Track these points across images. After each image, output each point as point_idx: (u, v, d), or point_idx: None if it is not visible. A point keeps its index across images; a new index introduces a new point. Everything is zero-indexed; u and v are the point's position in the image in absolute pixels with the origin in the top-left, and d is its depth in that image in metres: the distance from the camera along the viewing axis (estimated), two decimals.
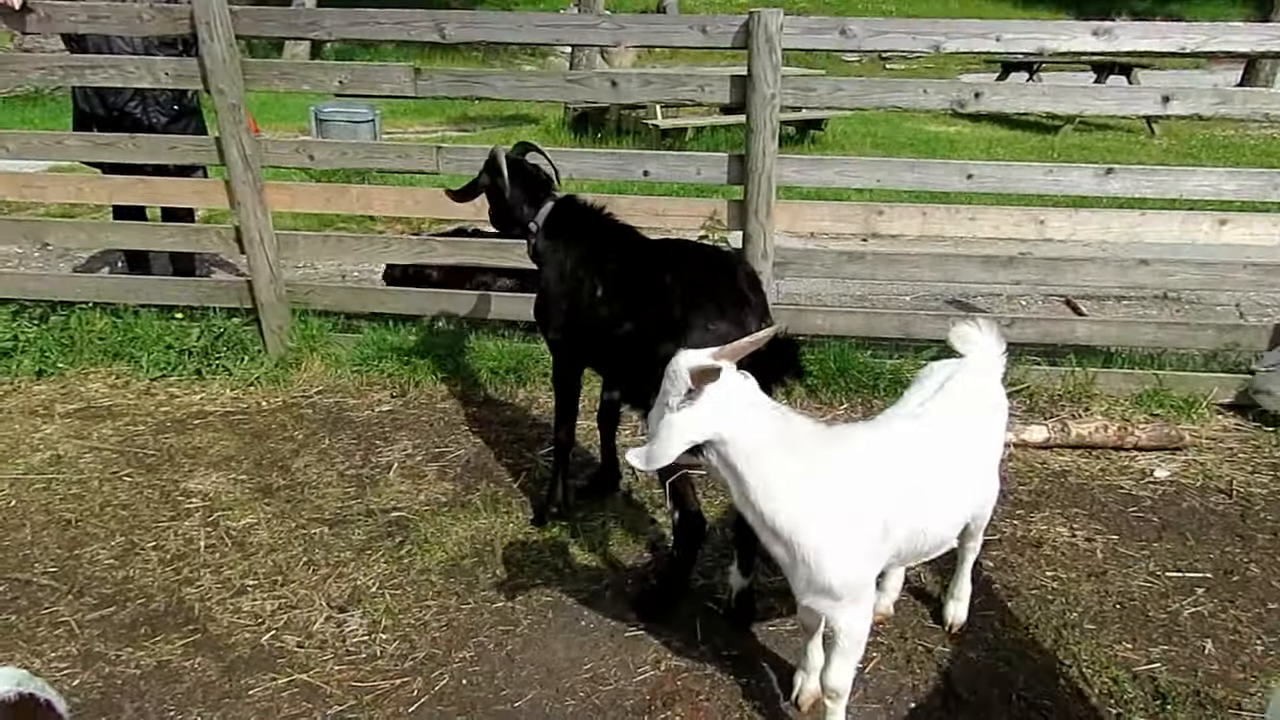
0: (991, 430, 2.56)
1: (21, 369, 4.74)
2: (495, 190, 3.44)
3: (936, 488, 2.33)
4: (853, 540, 2.12)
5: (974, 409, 2.47)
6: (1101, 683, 2.70)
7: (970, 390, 2.48)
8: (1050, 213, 4.43)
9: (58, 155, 5.10)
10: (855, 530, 2.12)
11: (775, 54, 4.00)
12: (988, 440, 2.54)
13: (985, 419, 2.53)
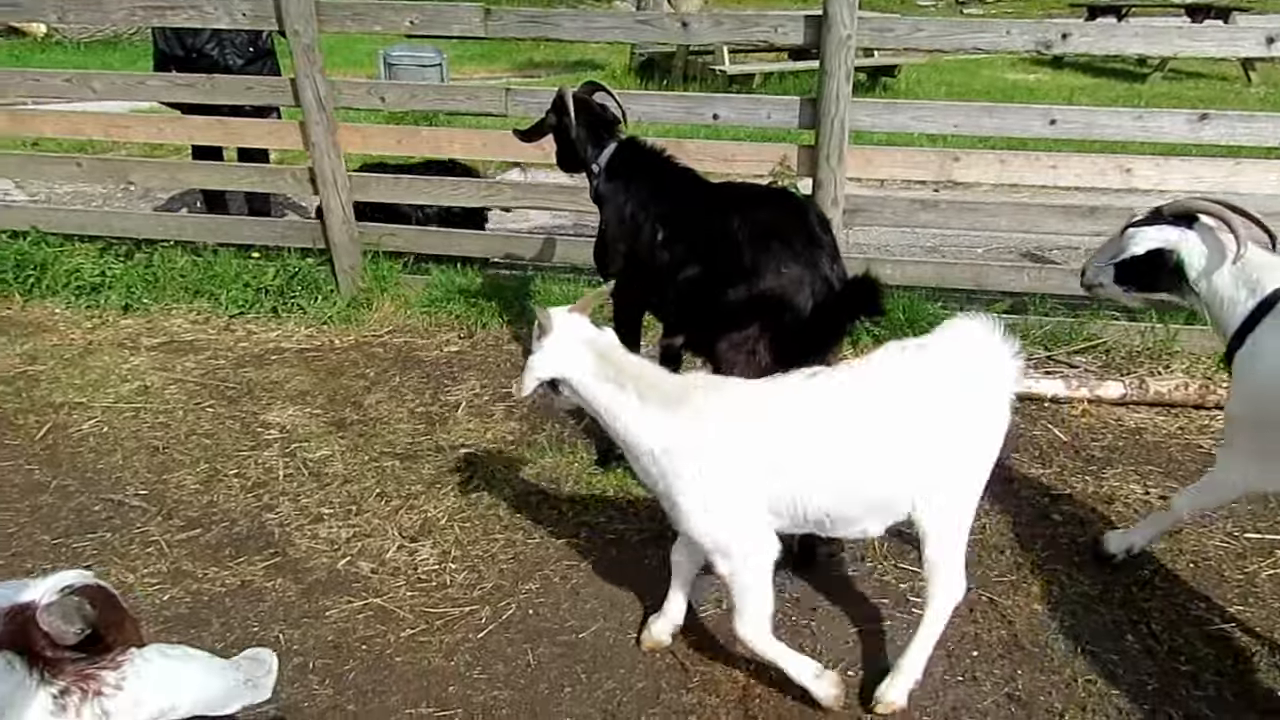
0: (960, 431, 2.23)
1: (109, 303, 4.94)
2: (561, 130, 3.43)
3: (824, 456, 2.19)
4: (702, 483, 2.18)
5: (921, 396, 2.19)
6: (1172, 640, 2.66)
7: (919, 374, 2.21)
8: (1137, 160, 4.26)
9: (140, 96, 5.22)
10: (704, 472, 2.18)
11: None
12: (945, 438, 2.22)
13: (944, 414, 2.20)
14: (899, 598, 2.86)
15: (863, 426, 2.18)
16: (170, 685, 1.37)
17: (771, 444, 2.19)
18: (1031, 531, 3.15)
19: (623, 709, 2.46)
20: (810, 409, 2.21)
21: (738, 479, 2.20)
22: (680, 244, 2.99)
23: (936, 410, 2.20)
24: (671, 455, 2.20)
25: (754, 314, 2.70)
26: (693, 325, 3.04)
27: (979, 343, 2.23)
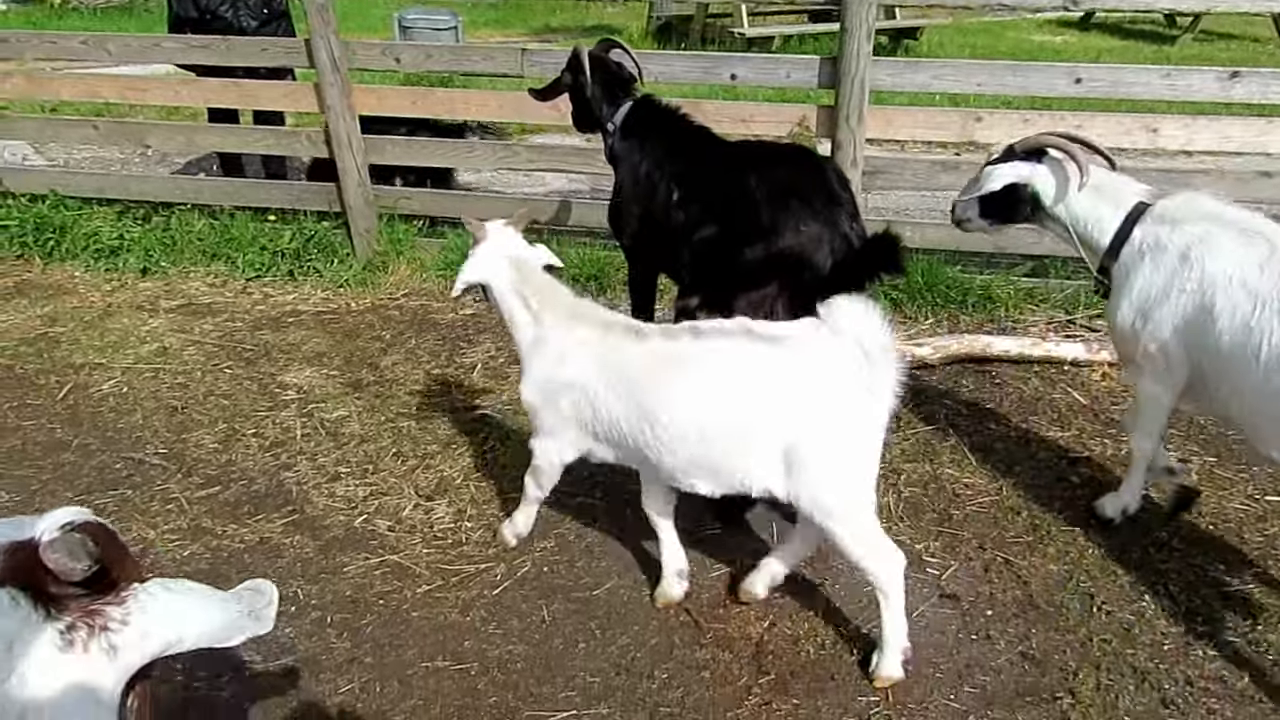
0: (820, 416, 2.18)
1: (128, 266, 4.97)
2: (577, 88, 3.40)
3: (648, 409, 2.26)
4: (545, 392, 2.50)
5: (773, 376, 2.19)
6: (1189, 600, 2.64)
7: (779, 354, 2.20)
8: (1164, 120, 4.16)
9: (156, 58, 5.23)
10: (549, 381, 2.48)
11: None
12: (800, 422, 2.17)
13: (799, 397, 2.18)
14: (914, 558, 2.84)
15: (694, 392, 2.23)
16: (175, 618, 1.37)
17: (604, 383, 2.36)
18: (1049, 494, 3.13)
19: (636, 664, 2.48)
20: (655, 362, 2.31)
21: (571, 405, 2.44)
22: (696, 203, 2.95)
23: (790, 392, 2.17)
24: (537, 364, 2.52)
25: (772, 273, 2.68)
26: (709, 285, 3.01)
27: (854, 327, 2.16)
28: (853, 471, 2.23)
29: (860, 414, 2.18)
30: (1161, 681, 2.38)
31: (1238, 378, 2.37)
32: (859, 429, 2.20)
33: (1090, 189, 2.69)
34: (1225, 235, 2.45)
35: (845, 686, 2.40)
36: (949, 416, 3.57)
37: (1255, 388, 2.32)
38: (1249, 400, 2.36)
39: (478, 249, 2.64)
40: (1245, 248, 2.40)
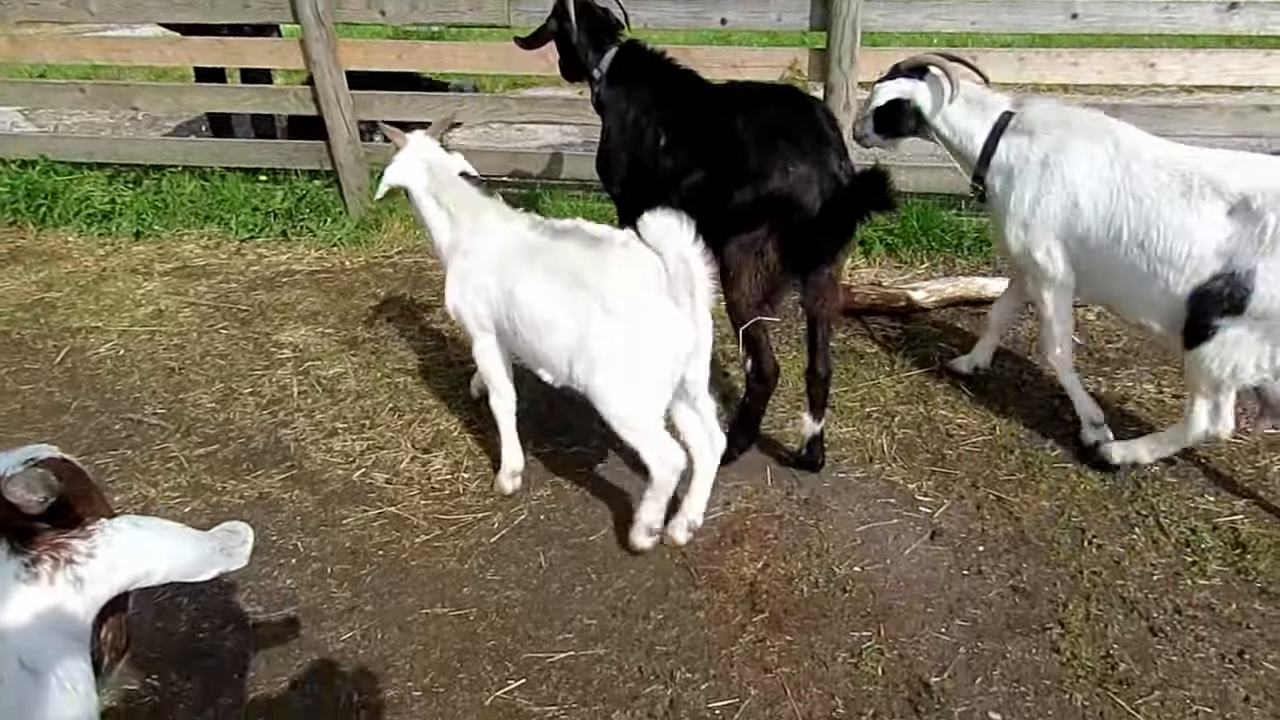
0: (613, 321, 2.36)
1: (120, 230, 4.96)
2: (563, 35, 3.34)
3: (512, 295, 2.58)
4: (462, 293, 2.74)
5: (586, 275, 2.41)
6: (1179, 532, 2.67)
7: (596, 256, 2.42)
8: (1162, 55, 4.10)
9: (138, 17, 5.15)
10: (464, 281, 2.73)
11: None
12: (597, 322, 2.37)
13: (600, 300, 2.37)
14: (907, 497, 2.88)
15: (531, 280, 2.53)
16: (143, 552, 1.39)
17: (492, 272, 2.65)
18: (1043, 431, 3.15)
19: (632, 606, 2.52)
20: (521, 251, 2.60)
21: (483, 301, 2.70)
22: (684, 148, 2.92)
23: (588, 289, 2.40)
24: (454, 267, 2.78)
25: (762, 215, 2.65)
26: (699, 231, 2.99)
27: (660, 239, 2.31)
28: (637, 369, 2.40)
29: (652, 318, 2.35)
30: (1150, 610, 2.42)
31: (1109, 261, 2.70)
32: (647, 332, 2.37)
33: (962, 101, 2.99)
34: (1076, 139, 2.75)
35: (838, 622, 2.44)
36: (943, 359, 3.57)
37: (1123, 265, 2.65)
38: (1120, 279, 2.69)
39: (398, 156, 2.87)
40: (1095, 145, 2.72)
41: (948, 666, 2.30)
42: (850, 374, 3.50)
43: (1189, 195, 2.51)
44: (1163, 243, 2.54)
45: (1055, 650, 2.32)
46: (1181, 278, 2.51)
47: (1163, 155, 2.63)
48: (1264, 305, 2.38)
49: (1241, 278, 2.40)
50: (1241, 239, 2.41)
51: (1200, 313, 2.50)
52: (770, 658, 2.34)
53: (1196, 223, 2.48)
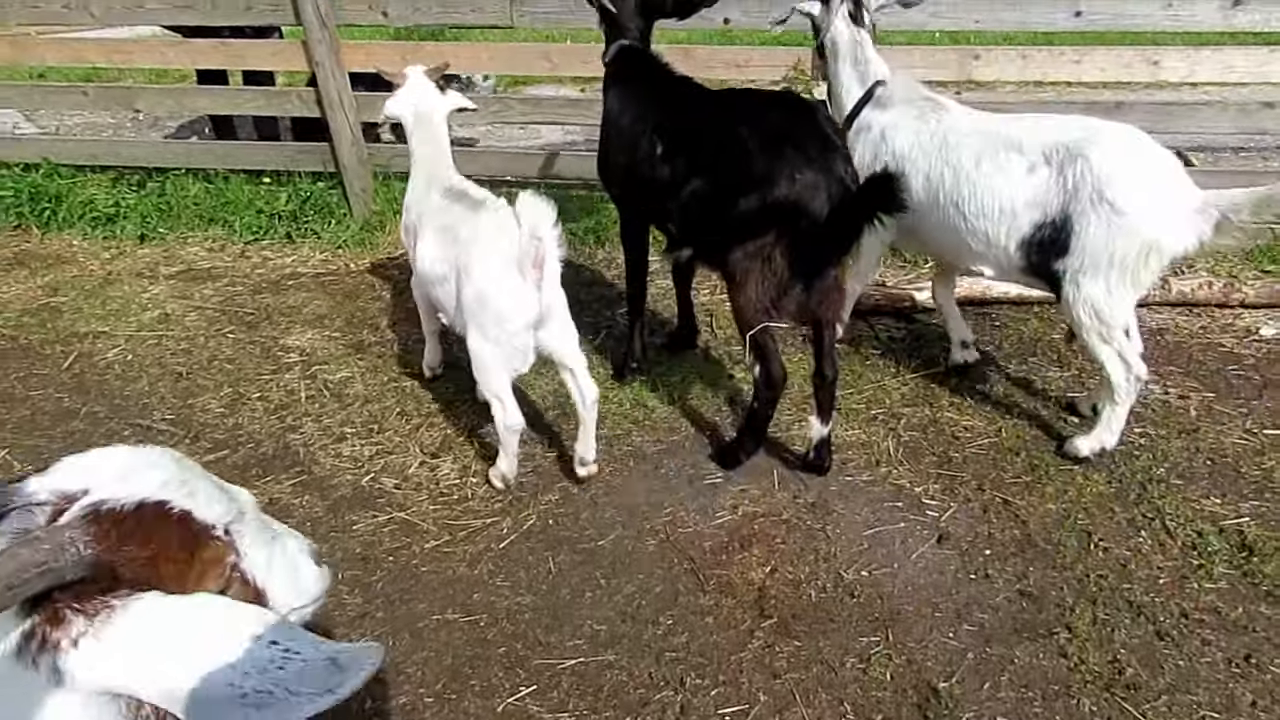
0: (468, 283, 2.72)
1: (125, 233, 4.97)
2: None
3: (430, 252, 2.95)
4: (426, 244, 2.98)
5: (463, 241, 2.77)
6: (1185, 535, 2.68)
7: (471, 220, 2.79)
8: (1166, 52, 4.10)
9: (140, 19, 5.15)
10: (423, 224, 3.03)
11: None
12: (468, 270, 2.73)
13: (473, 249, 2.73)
14: (914, 500, 2.89)
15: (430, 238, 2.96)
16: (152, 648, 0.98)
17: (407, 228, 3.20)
18: (1048, 434, 3.16)
19: (641, 611, 2.53)
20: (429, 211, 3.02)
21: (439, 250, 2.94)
22: (681, 157, 2.90)
23: (461, 249, 2.76)
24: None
25: (769, 222, 2.64)
26: (701, 238, 2.99)
27: (522, 213, 2.55)
28: (485, 329, 2.71)
29: (497, 284, 2.65)
30: (1157, 614, 2.43)
31: (932, 218, 3.04)
32: (493, 296, 2.66)
33: (850, 62, 3.33)
34: (908, 115, 3.14)
35: (846, 627, 2.45)
36: (948, 360, 3.58)
37: (940, 223, 3.02)
38: (941, 234, 3.06)
39: (399, 89, 3.26)
40: (920, 121, 3.10)
41: (956, 672, 2.31)
42: (855, 376, 3.51)
43: (995, 158, 2.86)
44: (974, 201, 2.89)
45: (1063, 655, 2.33)
46: (1001, 230, 2.85)
47: (977, 127, 2.98)
48: (1082, 242, 2.68)
49: (1060, 223, 2.72)
50: (1049, 190, 2.73)
51: (1042, 262, 2.81)
52: (779, 663, 2.36)
53: (1004, 181, 2.82)
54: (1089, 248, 2.68)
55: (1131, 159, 2.65)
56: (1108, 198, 2.61)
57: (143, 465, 1.12)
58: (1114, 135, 2.70)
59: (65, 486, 1.08)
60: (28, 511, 1.07)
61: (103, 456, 1.14)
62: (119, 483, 1.08)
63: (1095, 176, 2.63)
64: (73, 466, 1.11)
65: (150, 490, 1.09)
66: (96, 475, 1.09)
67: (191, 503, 1.11)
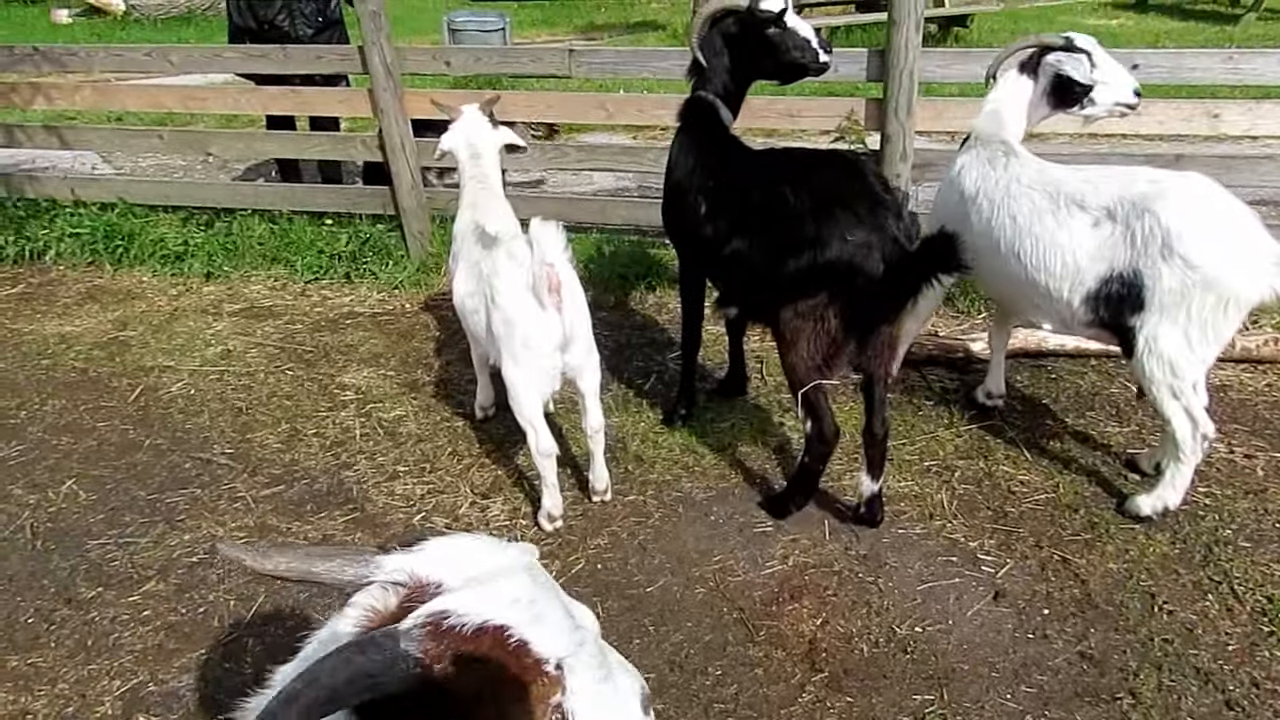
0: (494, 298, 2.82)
1: (192, 271, 5.14)
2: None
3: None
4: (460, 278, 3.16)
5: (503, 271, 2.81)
6: (1254, 600, 2.59)
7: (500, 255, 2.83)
8: (1227, 105, 4.05)
9: (216, 68, 5.39)
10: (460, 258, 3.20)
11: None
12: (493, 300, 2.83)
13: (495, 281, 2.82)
14: (968, 555, 2.84)
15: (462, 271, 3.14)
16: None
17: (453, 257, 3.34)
18: (1108, 490, 3.08)
19: (690, 660, 2.51)
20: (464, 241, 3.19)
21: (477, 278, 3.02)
22: (725, 219, 2.90)
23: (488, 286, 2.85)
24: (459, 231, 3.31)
25: (821, 284, 2.62)
26: (749, 298, 2.97)
27: (538, 243, 2.61)
28: (514, 355, 2.80)
29: (520, 312, 2.74)
30: (1226, 683, 2.34)
31: (993, 266, 3.03)
32: (518, 323, 2.75)
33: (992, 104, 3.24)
34: (980, 158, 3.13)
35: (899, 684, 2.40)
36: (1003, 413, 3.53)
37: (1001, 271, 3.01)
38: (1002, 282, 3.09)
39: (454, 124, 3.39)
40: (989, 166, 3.09)
41: None
42: (909, 427, 3.47)
43: (1057, 213, 2.85)
44: (1035, 255, 2.88)
45: None
46: (1064, 285, 2.83)
47: (1041, 178, 2.95)
48: (1157, 297, 2.63)
49: (1130, 277, 2.69)
50: (1115, 245, 2.71)
51: (1113, 318, 2.77)
52: (830, 719, 2.31)
53: (1066, 237, 2.80)
54: (1164, 303, 2.63)
55: (1200, 210, 2.61)
56: (1179, 252, 2.57)
57: (500, 571, 1.09)
58: (1182, 187, 2.67)
59: (424, 573, 1.10)
60: (384, 589, 1.10)
61: (466, 548, 1.14)
62: (470, 591, 1.05)
63: (1165, 230, 2.59)
64: (436, 550, 1.13)
65: (497, 609, 1.03)
66: (454, 570, 1.10)
67: (534, 631, 1.05)
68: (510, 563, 1.13)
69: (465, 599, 1.04)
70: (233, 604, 2.79)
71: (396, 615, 1.08)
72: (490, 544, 1.18)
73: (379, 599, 1.13)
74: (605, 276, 4.79)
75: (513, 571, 1.10)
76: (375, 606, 1.12)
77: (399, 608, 1.10)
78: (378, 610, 1.12)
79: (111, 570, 2.94)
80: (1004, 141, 3.14)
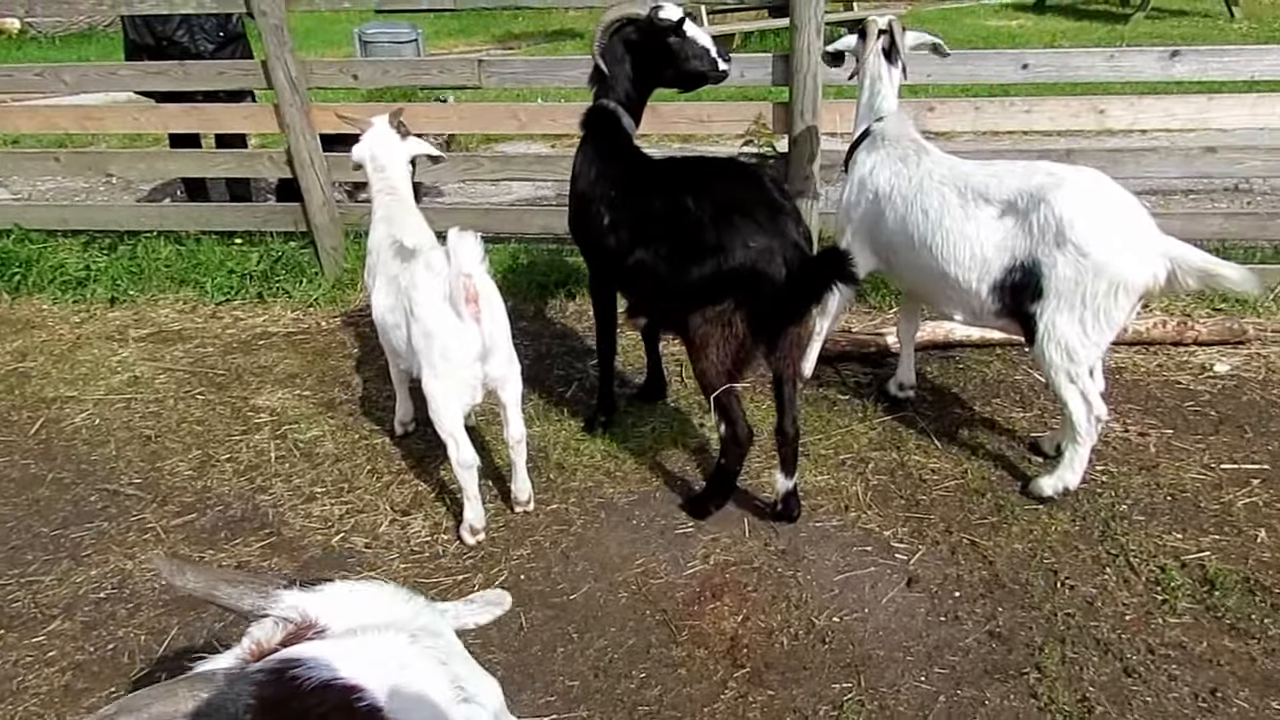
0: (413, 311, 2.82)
1: (95, 297, 4.96)
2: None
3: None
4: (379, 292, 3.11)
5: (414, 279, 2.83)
6: (1149, 571, 2.72)
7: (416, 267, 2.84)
8: (1111, 101, 4.25)
9: (113, 86, 5.21)
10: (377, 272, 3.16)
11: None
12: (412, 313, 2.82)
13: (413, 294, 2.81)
14: (883, 544, 2.91)
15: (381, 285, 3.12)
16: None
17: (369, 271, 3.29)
18: (1013, 474, 3.20)
19: (614, 665, 2.53)
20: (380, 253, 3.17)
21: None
22: (627, 228, 2.92)
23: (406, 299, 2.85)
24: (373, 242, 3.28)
25: (725, 290, 2.66)
26: (655, 305, 2.99)
27: (454, 253, 2.61)
28: (434, 366, 2.79)
29: (438, 324, 2.73)
30: (1124, 651, 2.46)
31: (908, 259, 3.15)
32: (437, 335, 2.74)
33: (866, 97, 3.45)
34: (892, 157, 3.23)
35: (819, 674, 2.46)
36: (914, 404, 3.64)
37: (916, 264, 3.12)
38: (918, 275, 3.17)
39: (363, 136, 3.39)
40: (902, 164, 3.20)
41: (928, 716, 2.32)
42: (824, 421, 3.55)
43: (966, 205, 2.96)
44: (947, 247, 2.98)
45: (1033, 695, 2.35)
46: (972, 275, 2.93)
47: (952, 173, 3.06)
48: (1053, 284, 2.76)
49: (1029, 266, 2.80)
50: (1017, 235, 2.83)
51: (1016, 305, 2.89)
52: (753, 714, 2.35)
53: (974, 228, 2.92)
54: (1060, 290, 2.75)
55: (1093, 201, 2.74)
56: (1072, 240, 2.70)
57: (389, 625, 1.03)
58: (1076, 179, 2.79)
59: (314, 614, 1.08)
60: (276, 624, 1.10)
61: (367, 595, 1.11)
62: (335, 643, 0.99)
63: (1059, 219, 2.71)
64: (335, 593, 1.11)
65: (356, 668, 0.97)
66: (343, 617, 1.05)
67: (393, 699, 0.96)
68: (404, 617, 1.09)
69: (325, 650, 0.98)
70: (144, 639, 2.70)
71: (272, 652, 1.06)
72: (395, 595, 1.14)
73: (268, 633, 1.11)
74: (524, 286, 4.78)
75: (398, 628, 1.04)
76: (261, 640, 1.10)
77: (278, 645, 1.08)
78: (261, 645, 1.10)
79: (14, 611, 2.83)
80: (914, 139, 3.26)
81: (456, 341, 2.74)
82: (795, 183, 4.35)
